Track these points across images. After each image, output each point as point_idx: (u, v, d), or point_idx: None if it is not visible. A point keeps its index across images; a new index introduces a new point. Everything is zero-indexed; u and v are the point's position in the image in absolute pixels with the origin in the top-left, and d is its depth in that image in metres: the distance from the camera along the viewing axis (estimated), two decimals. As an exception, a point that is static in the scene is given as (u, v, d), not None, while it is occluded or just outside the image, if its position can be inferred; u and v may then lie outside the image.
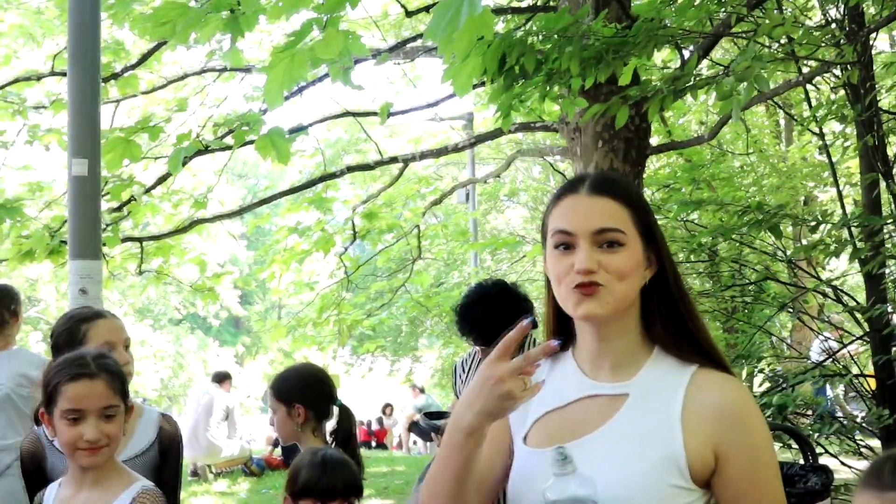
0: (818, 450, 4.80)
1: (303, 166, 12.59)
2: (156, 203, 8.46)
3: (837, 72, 5.77)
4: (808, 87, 7.16)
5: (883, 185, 5.39)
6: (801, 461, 2.77)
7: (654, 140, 7.69)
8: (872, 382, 5.47)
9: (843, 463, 5.19)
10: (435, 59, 8.63)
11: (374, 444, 18.99)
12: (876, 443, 5.69)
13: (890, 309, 5.39)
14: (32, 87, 7.76)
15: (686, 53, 5.62)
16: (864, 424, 5.87)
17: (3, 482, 4.15)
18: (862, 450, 5.42)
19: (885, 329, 5.16)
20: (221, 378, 12.02)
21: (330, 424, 3.33)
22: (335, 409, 3.30)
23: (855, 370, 5.75)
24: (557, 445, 1.53)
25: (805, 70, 6.07)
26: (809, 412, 5.62)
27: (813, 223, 5.50)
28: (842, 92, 6.16)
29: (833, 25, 5.38)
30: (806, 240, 8.34)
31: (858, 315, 5.66)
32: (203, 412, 10.99)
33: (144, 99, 8.99)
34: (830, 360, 6.08)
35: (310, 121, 7.24)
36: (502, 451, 1.78)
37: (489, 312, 3.89)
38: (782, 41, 5.11)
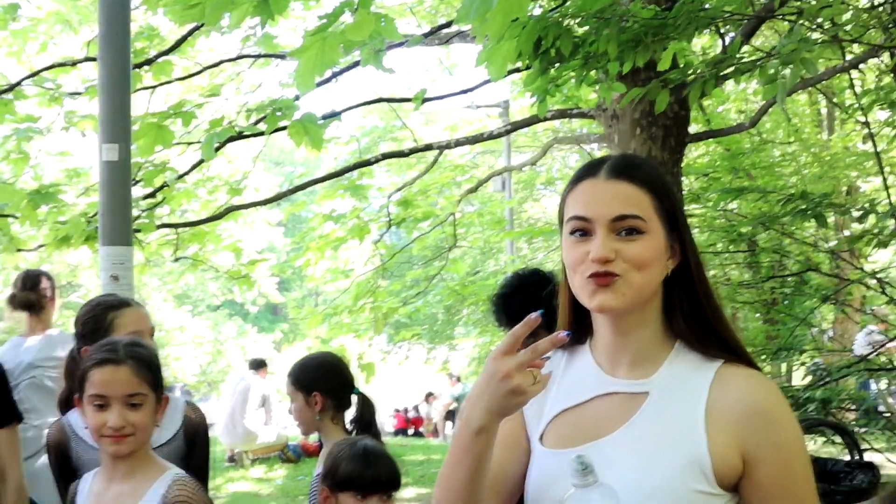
0: (863, 446, 4.67)
1: (338, 153, 12.58)
2: (191, 190, 8.48)
3: (885, 57, 5.61)
4: (853, 72, 6.98)
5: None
6: (847, 457, 2.67)
7: (693, 129, 7.54)
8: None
9: (889, 460, 5.05)
10: (470, 45, 8.55)
11: (410, 431, 19.05)
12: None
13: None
14: (69, 73, 7.77)
15: (727, 39, 5.50)
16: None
17: (42, 460, 4.21)
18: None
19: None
20: (258, 365, 12.07)
21: (350, 414, 3.28)
22: (354, 399, 3.27)
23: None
24: (577, 454, 1.42)
25: (849, 56, 5.91)
26: (853, 407, 5.48)
27: (860, 213, 5.34)
28: (888, 78, 6.00)
29: (882, 7, 5.21)
30: (849, 230, 8.16)
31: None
32: (240, 399, 11.05)
33: (180, 86, 9.01)
34: (875, 353, 5.93)
35: (345, 108, 7.17)
36: (518, 450, 1.67)
37: (526, 302, 3.80)
38: (826, 25, 4.97)
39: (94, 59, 6.60)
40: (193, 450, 2.95)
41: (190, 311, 29.32)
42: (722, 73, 3.96)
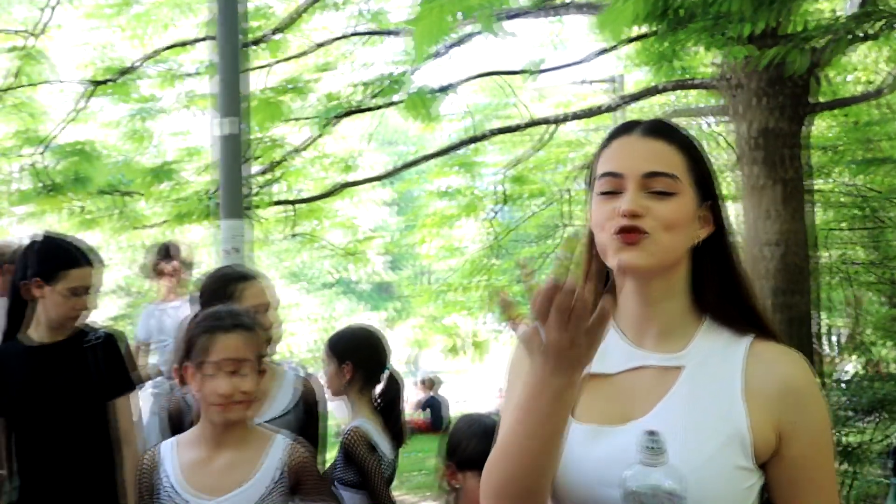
0: None
1: (450, 131, 12.55)
2: (305, 168, 8.56)
3: None
4: None
5: None
6: None
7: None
8: None
9: None
10: (581, 17, 8.34)
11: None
12: None
13: None
14: (187, 52, 7.93)
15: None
16: None
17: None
18: None
19: None
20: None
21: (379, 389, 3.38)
22: (385, 375, 3.37)
23: None
24: (649, 430, 1.32)
25: None
26: None
27: None
28: None
29: None
30: None
31: None
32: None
33: (293, 64, 9.09)
34: None
35: (459, 81, 7.09)
36: None
37: None
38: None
39: (212, 38, 6.70)
40: (307, 422, 2.95)
41: (303, 288, 29.89)
42: (859, 32, 3.70)
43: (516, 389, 1.55)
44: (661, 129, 1.53)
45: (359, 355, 3.31)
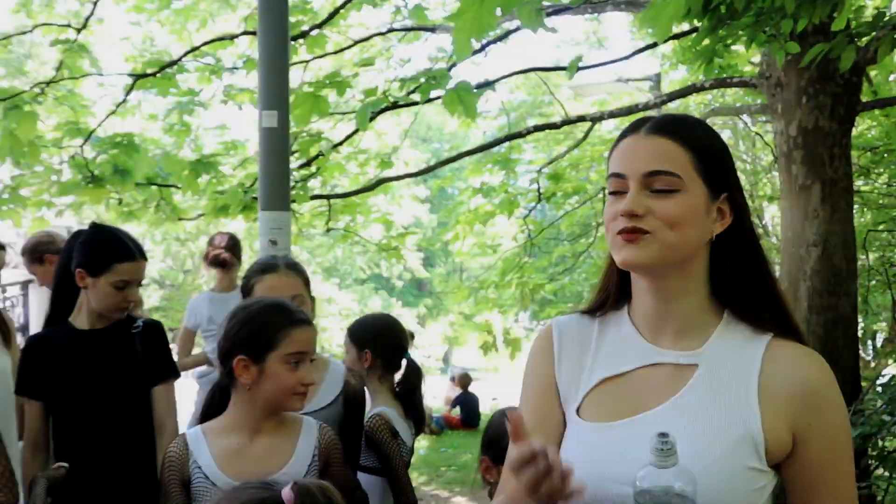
0: None
1: (486, 128, 12.54)
2: (342, 163, 8.60)
3: None
4: None
5: None
6: None
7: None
8: None
9: None
10: (622, 15, 8.30)
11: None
12: None
13: None
14: (226, 47, 8.00)
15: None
16: None
17: None
18: None
19: None
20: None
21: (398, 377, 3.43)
22: (404, 363, 3.40)
23: None
24: (661, 432, 1.32)
25: None
26: None
27: None
28: None
29: None
30: None
31: None
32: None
33: (331, 60, 9.13)
34: None
35: (498, 77, 7.08)
36: (551, 424, 1.57)
37: None
38: None
39: (252, 34, 6.76)
40: (349, 416, 2.96)
41: (338, 283, 30.01)
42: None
43: (530, 387, 1.63)
44: (664, 126, 1.50)
45: (378, 342, 3.36)
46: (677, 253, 1.47)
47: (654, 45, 6.71)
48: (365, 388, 3.19)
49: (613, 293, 1.61)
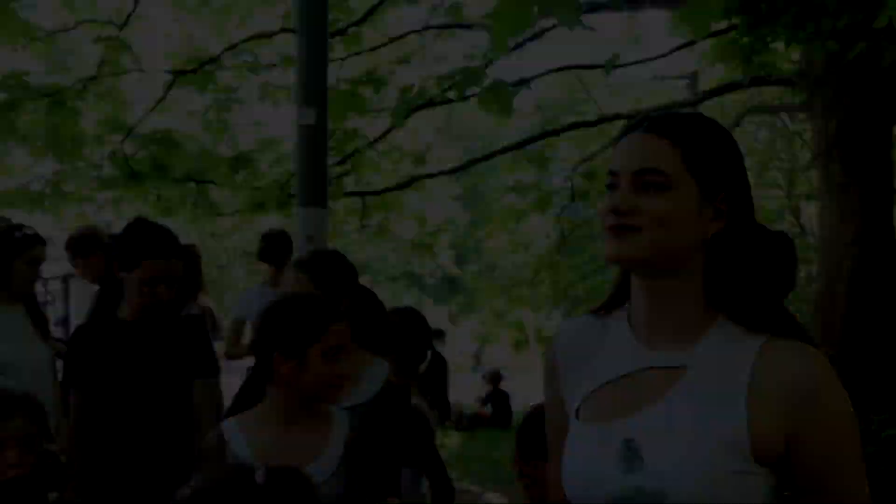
0: None
1: (520, 126, 12.53)
2: (376, 160, 8.64)
3: None
4: None
5: None
6: None
7: None
8: None
9: None
10: (658, 13, 8.26)
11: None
12: None
13: None
14: (263, 45, 8.06)
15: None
16: None
17: None
18: None
19: None
20: (436, 335, 12.19)
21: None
22: (429, 355, 3.41)
23: None
24: (625, 439, 1.36)
25: None
26: None
27: None
28: None
29: None
30: None
31: None
32: (416, 368, 11.21)
33: (367, 57, 9.17)
34: None
35: (535, 75, 7.08)
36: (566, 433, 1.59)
37: None
38: None
39: (291, 31, 6.81)
40: (389, 412, 2.96)
41: (369, 281, 30.10)
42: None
43: (546, 400, 1.68)
44: (659, 125, 1.49)
45: (403, 336, 3.35)
46: (667, 251, 1.46)
47: (692, 42, 6.68)
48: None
49: (617, 293, 1.62)
